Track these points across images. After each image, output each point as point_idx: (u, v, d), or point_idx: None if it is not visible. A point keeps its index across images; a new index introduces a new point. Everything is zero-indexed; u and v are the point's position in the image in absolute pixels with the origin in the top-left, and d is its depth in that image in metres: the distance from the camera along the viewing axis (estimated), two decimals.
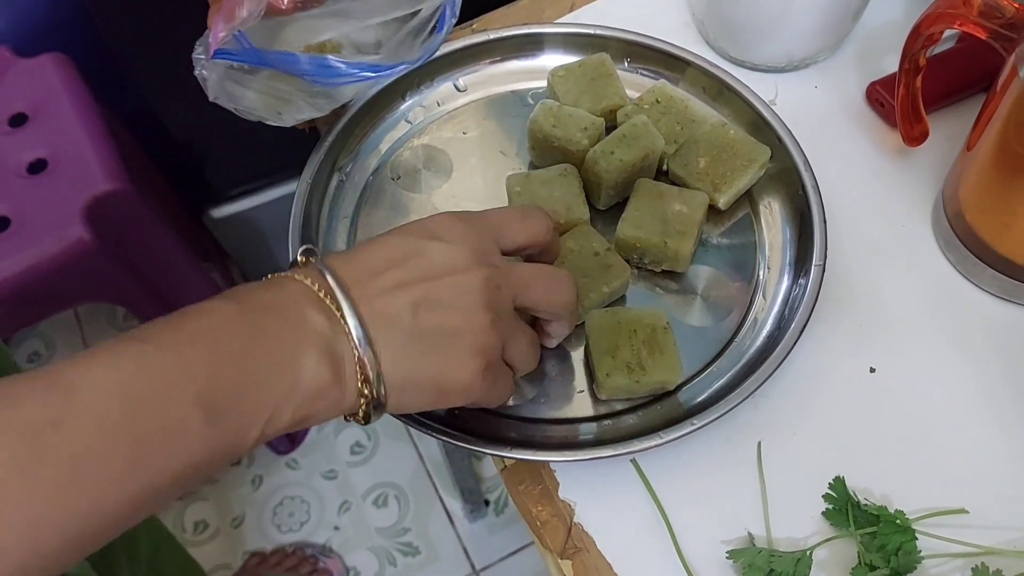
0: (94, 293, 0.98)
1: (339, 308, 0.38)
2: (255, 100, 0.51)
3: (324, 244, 0.56)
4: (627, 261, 0.53)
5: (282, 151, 0.98)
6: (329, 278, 0.38)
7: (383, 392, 0.38)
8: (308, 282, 0.38)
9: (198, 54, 0.50)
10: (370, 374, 0.38)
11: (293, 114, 0.53)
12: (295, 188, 0.56)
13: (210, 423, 0.33)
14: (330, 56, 0.51)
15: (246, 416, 0.35)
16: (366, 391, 0.38)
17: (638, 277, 0.54)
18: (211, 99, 0.51)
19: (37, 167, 0.95)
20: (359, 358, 0.37)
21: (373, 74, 0.52)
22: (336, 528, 1.27)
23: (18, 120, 0.98)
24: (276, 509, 1.28)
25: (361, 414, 0.39)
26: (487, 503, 1.27)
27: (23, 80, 1.00)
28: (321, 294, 0.38)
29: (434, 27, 0.53)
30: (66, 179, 0.93)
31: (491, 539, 1.26)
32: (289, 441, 1.31)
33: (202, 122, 1.06)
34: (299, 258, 0.42)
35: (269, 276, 0.40)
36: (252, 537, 1.27)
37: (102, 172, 0.93)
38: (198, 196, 1.19)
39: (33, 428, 0.30)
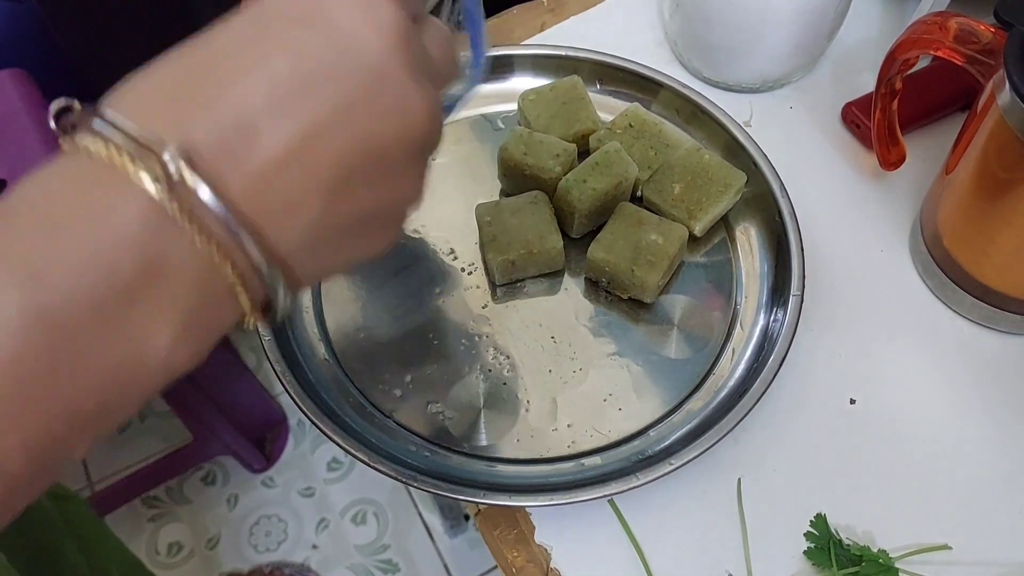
0: None
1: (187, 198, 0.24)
2: None
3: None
4: (595, 283, 0.52)
5: None
6: (180, 169, 0.23)
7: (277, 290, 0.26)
8: (133, 177, 0.23)
9: None
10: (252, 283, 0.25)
11: None
12: None
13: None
14: None
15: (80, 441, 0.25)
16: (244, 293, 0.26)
17: (611, 305, 0.53)
18: None
19: None
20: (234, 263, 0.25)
21: None
22: (314, 547, 1.25)
23: None
24: (252, 529, 1.26)
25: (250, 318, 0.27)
26: (467, 518, 1.25)
27: None
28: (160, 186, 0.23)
29: None
30: None
31: (471, 554, 1.24)
32: (265, 459, 1.29)
33: None
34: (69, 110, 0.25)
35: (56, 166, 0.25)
36: (228, 558, 1.24)
37: None
38: None
39: None
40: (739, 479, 0.49)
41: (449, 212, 0.57)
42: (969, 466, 0.49)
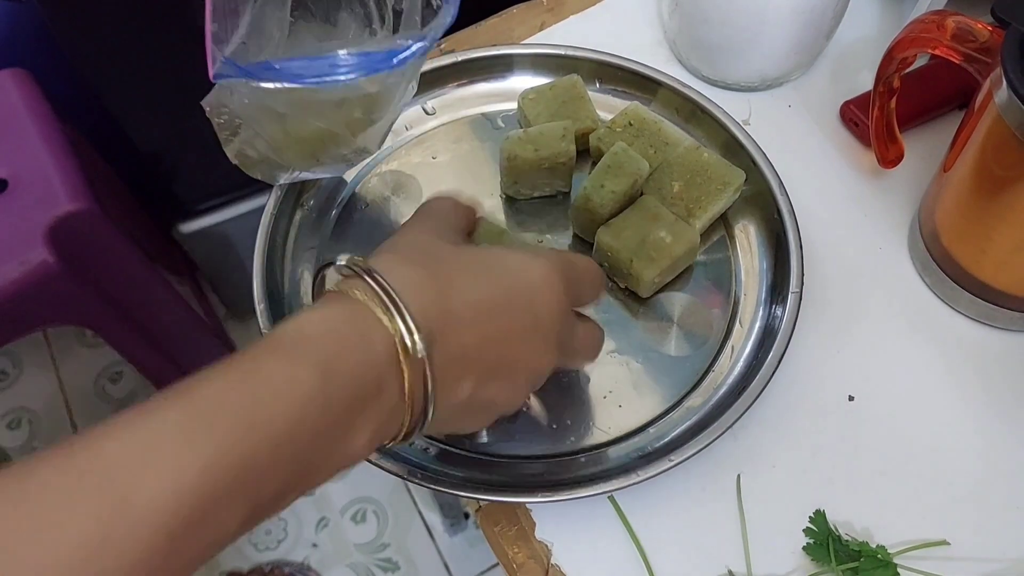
0: (60, 317, 0.95)
1: (411, 370, 0.34)
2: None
3: (290, 274, 0.55)
4: (600, 265, 0.53)
5: None
6: (415, 339, 0.33)
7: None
8: (387, 324, 0.33)
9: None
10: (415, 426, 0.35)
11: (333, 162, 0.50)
12: (265, 201, 0.54)
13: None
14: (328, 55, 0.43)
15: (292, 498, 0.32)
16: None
17: (611, 303, 0.53)
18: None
19: None
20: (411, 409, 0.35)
21: (385, 64, 0.42)
22: (314, 545, 1.25)
23: None
24: None
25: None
26: (466, 516, 1.26)
27: None
28: (398, 341, 0.33)
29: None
30: (28, 200, 0.91)
31: (471, 552, 1.25)
32: None
33: (168, 136, 1.04)
34: (356, 269, 0.35)
35: (335, 298, 0.35)
36: (229, 557, 1.25)
37: (65, 192, 0.91)
38: (166, 211, 1.17)
39: (81, 551, 0.25)
40: (738, 475, 0.49)
41: None
42: (967, 462, 0.49)
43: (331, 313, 0.34)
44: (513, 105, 0.60)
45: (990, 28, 0.46)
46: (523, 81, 0.60)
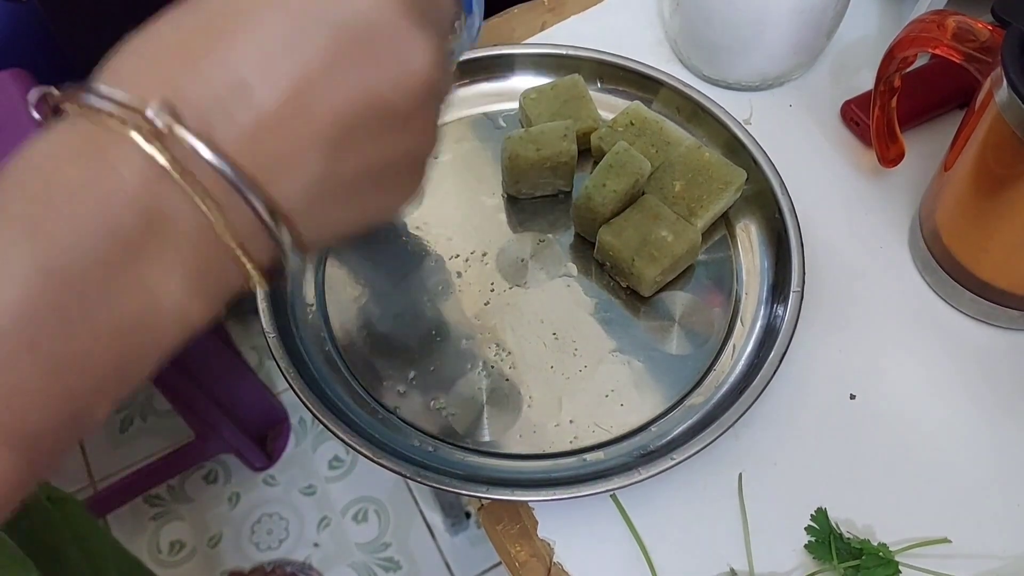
0: None
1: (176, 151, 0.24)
2: None
3: (291, 271, 0.55)
4: (601, 265, 0.53)
5: None
6: (178, 136, 0.23)
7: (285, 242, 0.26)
8: (122, 133, 0.23)
9: None
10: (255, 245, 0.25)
11: None
12: None
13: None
14: None
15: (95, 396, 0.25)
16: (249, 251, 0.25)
17: (613, 302, 0.53)
18: None
19: None
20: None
21: None
22: (316, 545, 1.25)
23: None
24: (254, 527, 1.26)
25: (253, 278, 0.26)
26: (468, 515, 1.26)
27: None
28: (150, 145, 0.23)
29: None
30: None
31: (473, 552, 1.25)
32: (266, 457, 1.29)
33: None
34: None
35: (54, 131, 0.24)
36: (230, 556, 1.25)
37: None
38: None
39: None
40: (740, 474, 0.49)
41: (451, 210, 0.57)
42: (968, 460, 0.49)
43: (41, 155, 0.24)
44: (515, 105, 0.60)
45: (990, 27, 0.46)
46: (524, 81, 0.61)
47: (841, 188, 0.59)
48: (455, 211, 0.57)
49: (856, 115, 0.60)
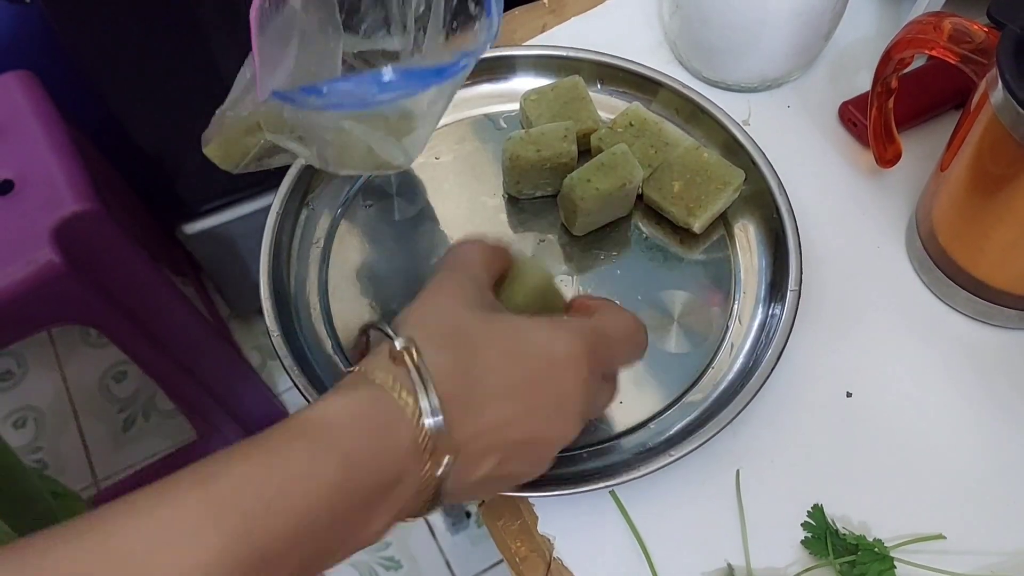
0: (65, 316, 0.96)
1: (434, 449, 0.34)
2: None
3: (295, 274, 0.55)
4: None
5: None
6: (430, 422, 0.34)
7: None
8: (411, 413, 0.33)
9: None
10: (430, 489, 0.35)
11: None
12: (269, 201, 0.55)
13: None
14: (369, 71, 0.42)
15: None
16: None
17: (615, 296, 0.54)
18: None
19: (3, 188, 0.93)
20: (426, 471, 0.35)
21: (437, 78, 0.40)
22: None
23: None
24: None
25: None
26: (468, 515, 1.26)
27: None
28: (417, 421, 0.33)
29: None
30: (34, 201, 0.91)
31: (473, 551, 1.25)
32: None
33: (172, 137, 1.05)
34: (393, 344, 0.35)
35: (358, 381, 0.35)
36: None
37: (71, 192, 0.92)
38: (170, 212, 1.18)
39: None
40: (738, 470, 0.50)
41: (452, 210, 0.58)
42: (963, 458, 0.50)
43: (356, 400, 0.33)
44: (515, 106, 0.60)
45: (986, 29, 0.47)
46: (525, 82, 0.61)
47: (839, 188, 0.59)
48: (456, 211, 0.58)
49: (854, 116, 0.60)
